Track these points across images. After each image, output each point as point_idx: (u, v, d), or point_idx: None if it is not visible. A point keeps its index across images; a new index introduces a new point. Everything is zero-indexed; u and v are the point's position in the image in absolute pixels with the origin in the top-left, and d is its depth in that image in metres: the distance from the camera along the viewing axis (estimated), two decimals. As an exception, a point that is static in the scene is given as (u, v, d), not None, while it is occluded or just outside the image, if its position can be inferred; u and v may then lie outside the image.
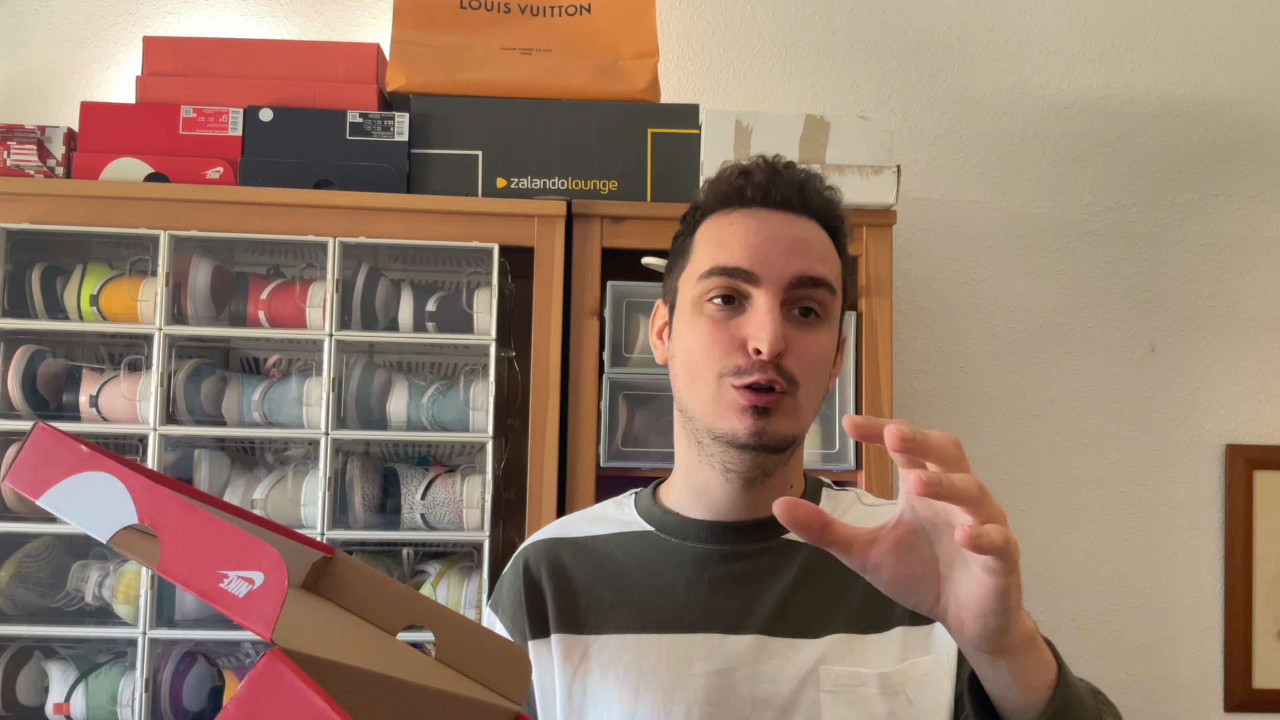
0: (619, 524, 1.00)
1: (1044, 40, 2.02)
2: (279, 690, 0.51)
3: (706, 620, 0.91)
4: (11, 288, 1.56)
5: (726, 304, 0.90)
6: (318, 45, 1.67)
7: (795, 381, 0.89)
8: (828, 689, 0.89)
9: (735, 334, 0.89)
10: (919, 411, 1.95)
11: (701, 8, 1.98)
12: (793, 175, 0.94)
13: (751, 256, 0.89)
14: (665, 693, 0.89)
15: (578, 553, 0.98)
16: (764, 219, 0.92)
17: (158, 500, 0.56)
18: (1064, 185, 2.01)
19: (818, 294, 0.91)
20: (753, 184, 0.92)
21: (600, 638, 0.93)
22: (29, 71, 1.90)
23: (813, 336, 0.90)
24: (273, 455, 1.66)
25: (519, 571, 0.99)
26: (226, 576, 0.53)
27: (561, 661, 0.93)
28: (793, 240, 0.91)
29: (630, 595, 0.94)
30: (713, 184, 0.96)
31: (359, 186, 1.56)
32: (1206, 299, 2.01)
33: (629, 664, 0.91)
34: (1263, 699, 1.94)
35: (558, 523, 1.04)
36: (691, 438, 0.94)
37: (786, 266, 0.89)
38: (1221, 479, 1.98)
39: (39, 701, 1.53)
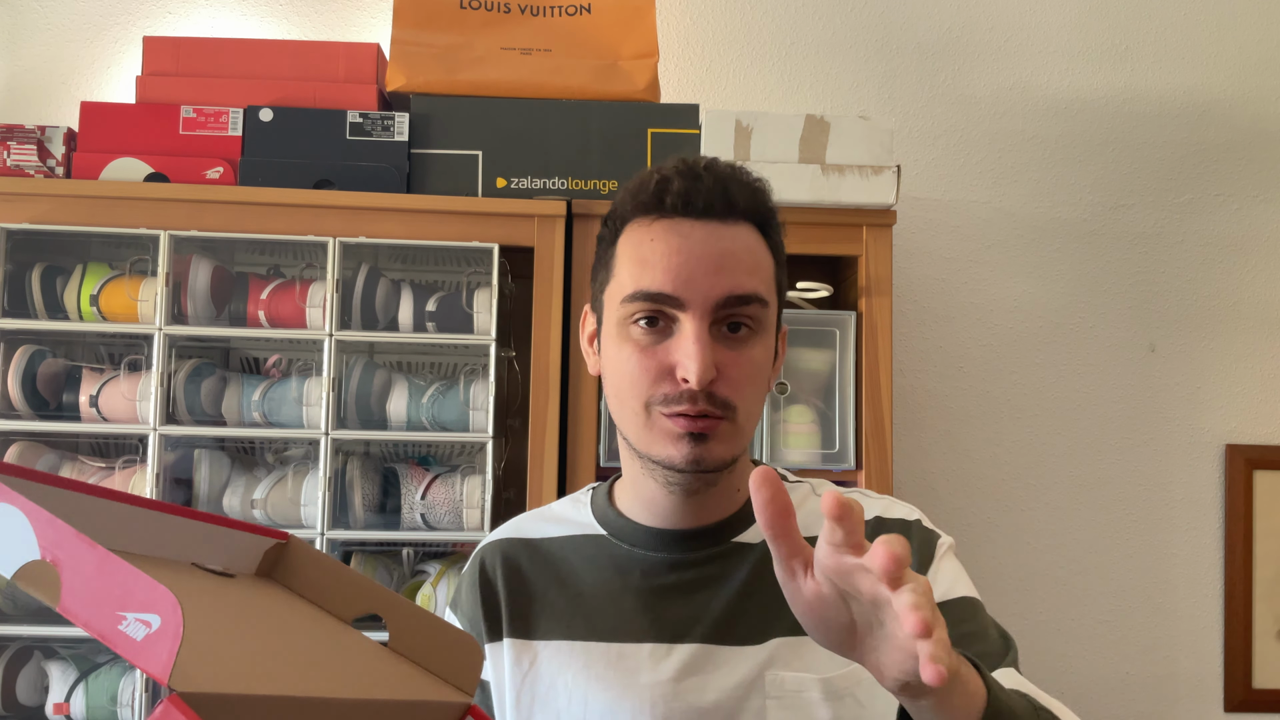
0: (574, 526, 0.98)
1: (1044, 40, 2.02)
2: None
3: (654, 630, 0.90)
4: (11, 288, 1.56)
5: (651, 326, 0.86)
6: (318, 45, 1.67)
7: (731, 406, 0.86)
8: (773, 695, 0.88)
9: (663, 360, 0.85)
10: (919, 411, 1.95)
11: (701, 8, 1.98)
12: (714, 177, 0.88)
13: (675, 279, 0.85)
14: (613, 702, 0.89)
15: (533, 555, 0.97)
16: (685, 233, 0.86)
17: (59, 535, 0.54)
18: (1064, 185, 2.01)
19: (748, 310, 0.86)
20: (671, 192, 0.87)
21: (550, 643, 0.92)
22: (29, 71, 1.90)
23: (745, 353, 0.87)
24: (273, 455, 1.66)
25: (476, 572, 0.97)
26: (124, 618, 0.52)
27: (512, 666, 0.93)
28: (717, 257, 0.85)
29: (581, 602, 0.93)
30: (630, 190, 0.90)
31: (359, 186, 1.56)
32: (1206, 299, 2.01)
33: (577, 671, 0.91)
34: (1263, 699, 1.94)
35: (514, 521, 1.02)
36: (630, 452, 0.92)
37: (713, 287, 0.85)
38: (1221, 479, 1.98)
39: (39, 701, 1.53)
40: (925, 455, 1.96)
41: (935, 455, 1.96)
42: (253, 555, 0.76)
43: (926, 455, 1.96)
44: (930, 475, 1.95)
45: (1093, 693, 1.94)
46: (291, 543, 0.78)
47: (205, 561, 0.72)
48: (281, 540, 0.77)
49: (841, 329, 1.61)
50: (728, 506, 0.95)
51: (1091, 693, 1.94)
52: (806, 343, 1.62)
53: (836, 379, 1.60)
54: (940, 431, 1.96)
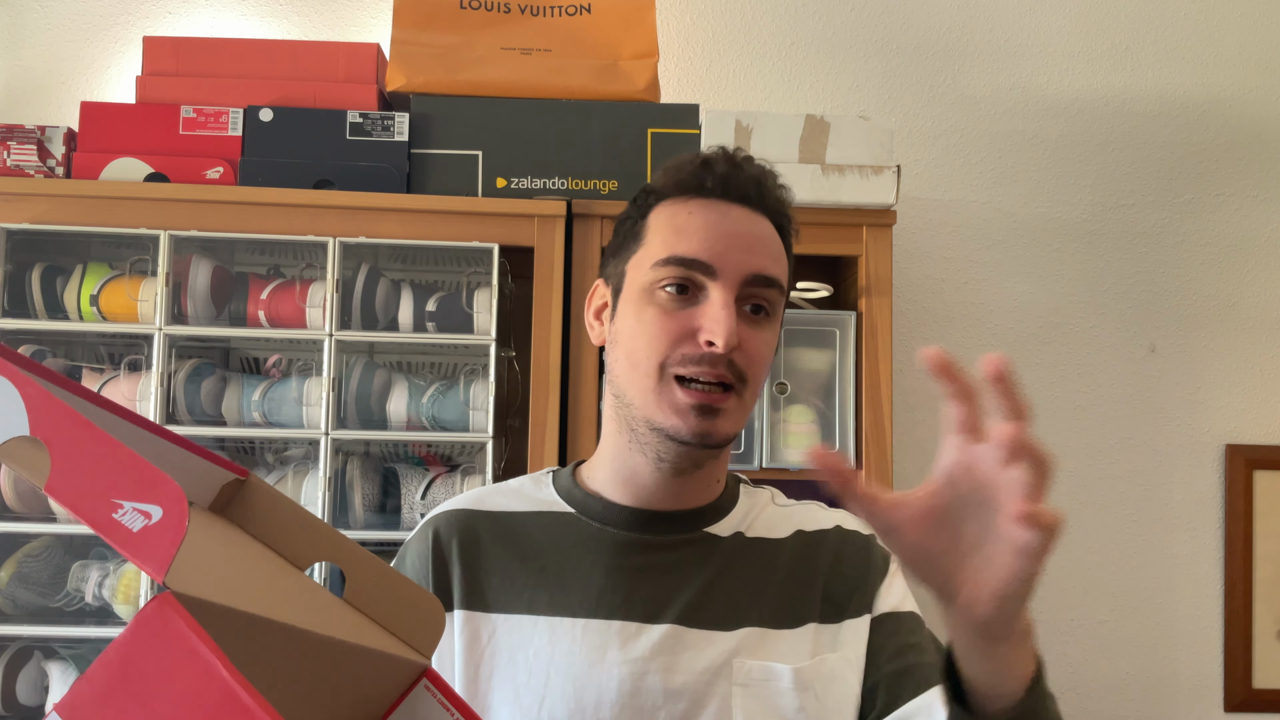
0: (537, 502, 0.98)
1: (1044, 40, 2.02)
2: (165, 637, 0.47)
3: (625, 608, 0.90)
4: (11, 288, 1.56)
5: (680, 294, 0.89)
6: (318, 45, 1.67)
7: (744, 379, 0.89)
8: (739, 682, 0.89)
9: (686, 324, 0.88)
10: (919, 411, 1.95)
11: (701, 8, 1.98)
12: (751, 170, 0.93)
13: (711, 249, 0.88)
14: (578, 679, 0.88)
15: (493, 527, 0.96)
16: (723, 211, 0.91)
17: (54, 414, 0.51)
18: (1064, 185, 2.01)
19: (769, 293, 0.91)
20: (713, 175, 0.91)
21: (511, 618, 0.91)
22: (29, 71, 1.90)
23: (761, 334, 0.90)
24: (273, 455, 1.66)
25: (427, 540, 0.96)
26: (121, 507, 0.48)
27: (468, 640, 0.91)
28: (750, 237, 0.90)
29: (546, 577, 0.92)
30: (670, 170, 0.94)
31: (359, 186, 1.56)
32: (1206, 299, 2.01)
33: (540, 647, 0.90)
34: (1263, 699, 1.94)
35: (471, 493, 1.01)
36: (624, 424, 0.92)
37: (744, 263, 0.89)
38: (1221, 479, 1.98)
39: (39, 701, 1.53)
40: (925, 455, 1.95)
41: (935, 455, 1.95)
42: (210, 487, 0.72)
43: (926, 455, 1.95)
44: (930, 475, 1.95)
45: (1093, 693, 1.94)
46: (250, 480, 0.73)
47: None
48: (240, 476, 0.73)
49: (841, 329, 1.61)
50: (705, 495, 0.96)
51: (1091, 693, 1.94)
52: (806, 343, 1.62)
53: (836, 379, 1.60)
54: (940, 431, 1.96)
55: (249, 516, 0.72)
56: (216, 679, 0.46)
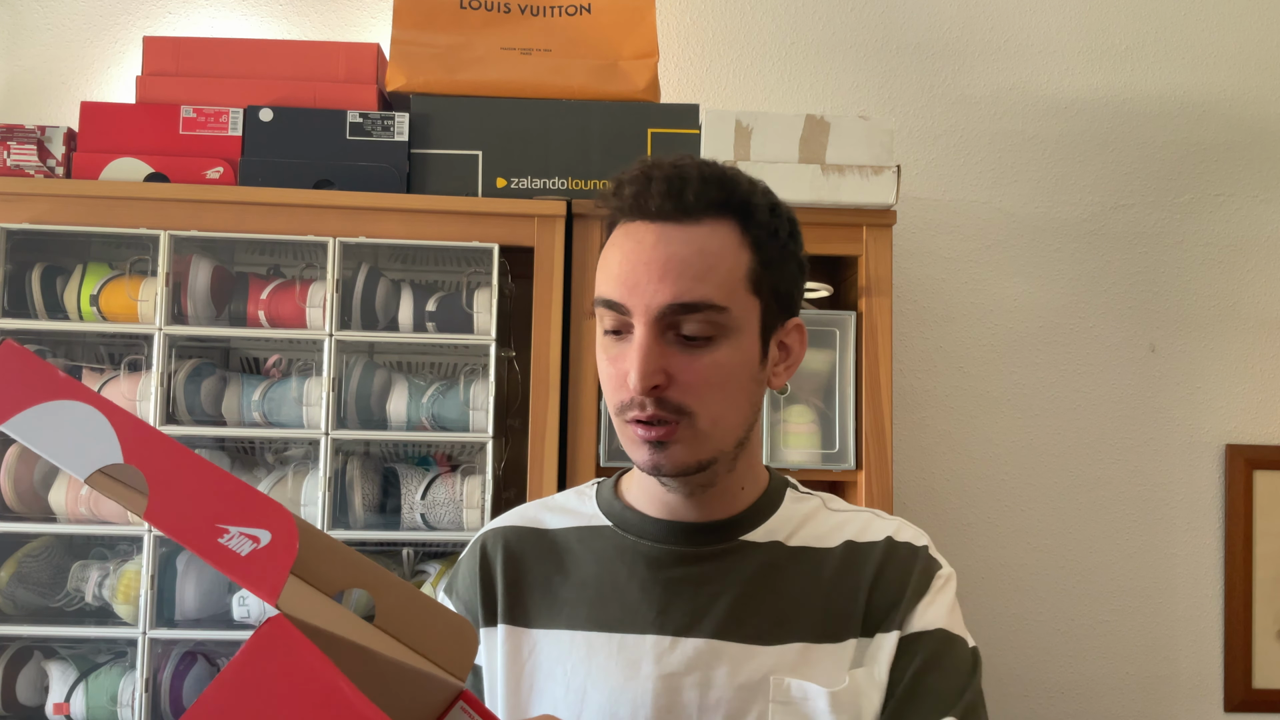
0: (579, 517, 0.98)
1: (1044, 40, 2.02)
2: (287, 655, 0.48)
3: (659, 622, 0.90)
4: (11, 288, 1.56)
5: (616, 336, 0.88)
6: (318, 45, 1.67)
7: (686, 410, 0.85)
8: (777, 699, 0.87)
9: (622, 369, 0.86)
10: (919, 412, 1.95)
11: (701, 8, 1.98)
12: (665, 178, 0.85)
13: (620, 286, 0.85)
14: (613, 693, 0.88)
15: (537, 544, 0.97)
16: (639, 238, 0.85)
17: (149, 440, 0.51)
18: (1064, 185, 2.01)
19: (696, 318, 0.84)
20: (624, 196, 0.87)
21: (550, 632, 0.92)
22: (29, 71, 1.90)
23: (705, 358, 0.85)
24: (273, 455, 1.66)
25: (476, 557, 0.98)
26: (227, 532, 0.49)
27: (509, 654, 0.92)
28: (662, 262, 0.84)
29: (584, 591, 0.93)
30: (607, 194, 0.91)
31: (359, 186, 1.56)
32: (1206, 299, 2.01)
33: (578, 661, 0.90)
34: (1263, 699, 1.94)
35: (519, 510, 1.02)
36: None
37: (654, 296, 0.83)
38: (1221, 479, 1.98)
39: (39, 701, 1.53)
40: (925, 455, 1.96)
41: (935, 455, 1.96)
42: None
43: (926, 455, 1.96)
44: (930, 475, 1.95)
45: (1093, 693, 1.94)
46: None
47: None
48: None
49: (841, 329, 1.61)
50: (732, 505, 0.95)
51: (1091, 693, 1.94)
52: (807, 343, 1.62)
53: (836, 379, 1.60)
54: (940, 431, 1.96)
55: None
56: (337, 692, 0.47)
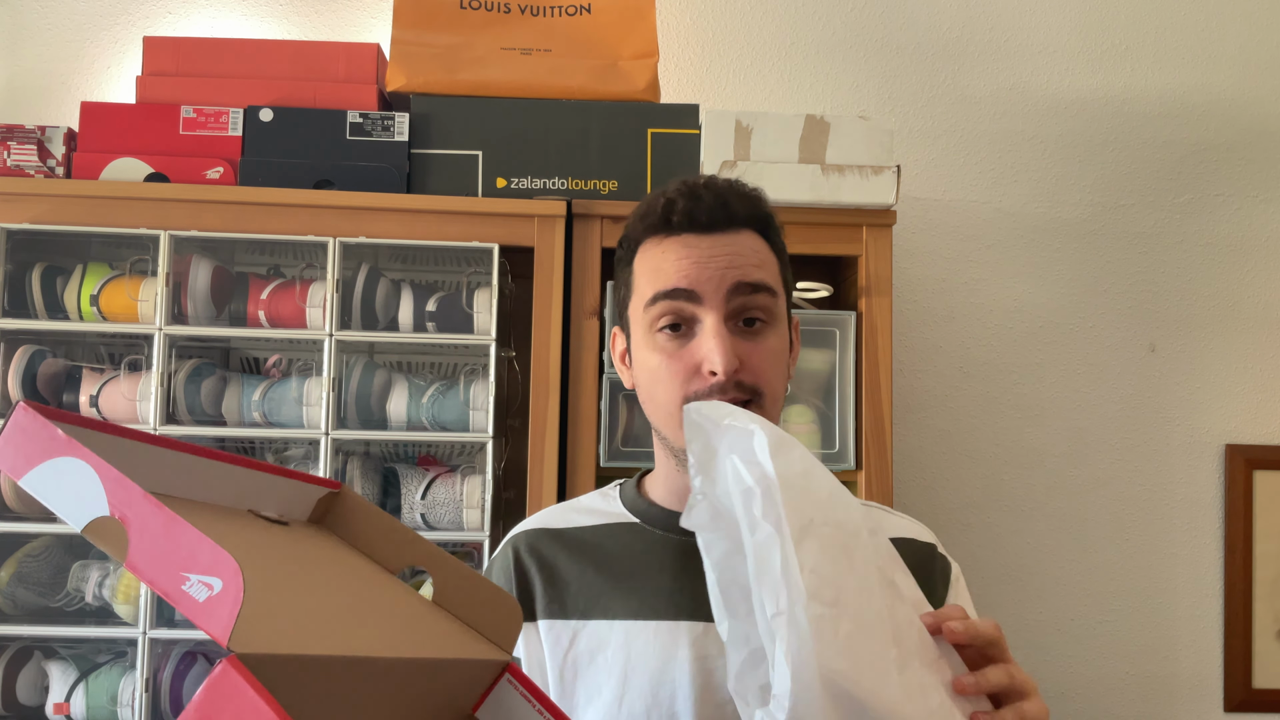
0: (606, 515, 1.04)
1: (1044, 40, 2.02)
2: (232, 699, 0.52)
3: (692, 608, 0.95)
4: (11, 288, 1.56)
5: (675, 332, 0.94)
6: (318, 45, 1.67)
7: (759, 392, 0.92)
8: None
9: (689, 361, 0.92)
10: (919, 412, 1.95)
11: (701, 8, 1.98)
12: (714, 194, 0.96)
13: (688, 276, 0.93)
14: (654, 676, 0.93)
15: (567, 543, 1.02)
16: (694, 243, 0.94)
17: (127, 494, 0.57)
18: (1064, 185, 2.01)
19: (759, 300, 0.94)
20: (678, 211, 0.95)
21: (589, 623, 0.97)
22: (29, 71, 1.90)
23: (764, 344, 0.94)
24: (273, 455, 1.66)
25: (509, 558, 1.02)
26: (188, 579, 0.54)
27: (551, 646, 0.97)
28: (726, 255, 0.94)
29: (619, 583, 0.98)
30: (639, 215, 0.99)
31: (359, 186, 1.56)
32: (1206, 299, 2.01)
33: (618, 648, 0.95)
34: (1263, 699, 1.94)
35: (545, 512, 1.08)
36: (667, 452, 0.99)
37: (724, 278, 0.92)
38: (1221, 479, 1.98)
39: (39, 701, 1.53)
40: (925, 455, 1.96)
41: (935, 455, 1.96)
42: (306, 503, 0.79)
43: (926, 455, 1.96)
44: (930, 475, 1.95)
45: (1093, 693, 1.94)
46: (343, 492, 0.81)
47: (262, 509, 0.75)
48: (334, 489, 0.81)
49: (841, 329, 1.61)
50: None
51: (1091, 693, 1.94)
52: (806, 343, 1.62)
53: (836, 379, 1.60)
54: (940, 431, 1.96)
55: (344, 525, 0.81)
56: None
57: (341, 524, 0.81)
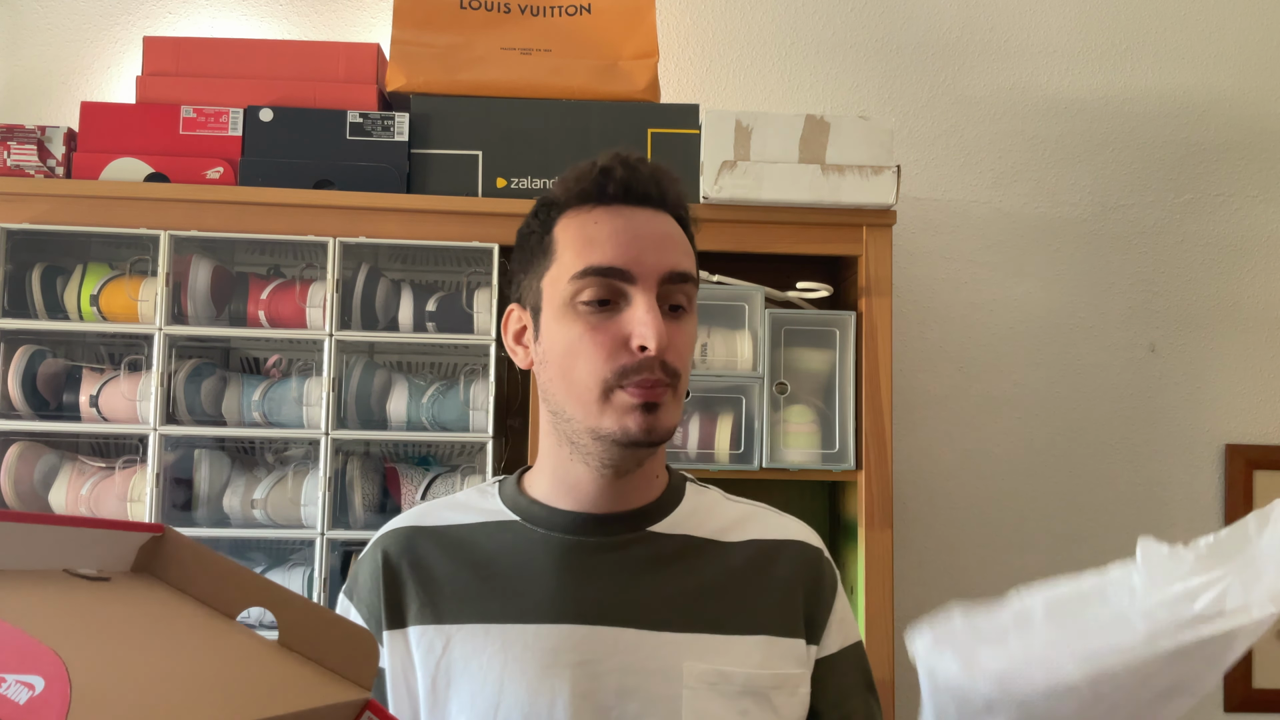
0: (484, 513, 0.99)
1: (1044, 40, 2.02)
2: None
3: (574, 611, 0.91)
4: (11, 288, 1.56)
5: (601, 306, 0.90)
6: (318, 45, 1.67)
7: (677, 374, 0.91)
8: (690, 684, 0.90)
9: (616, 334, 0.89)
10: (919, 411, 1.95)
11: (701, 8, 1.98)
12: (648, 170, 0.94)
13: (625, 254, 0.90)
14: (532, 683, 0.89)
15: (441, 542, 0.97)
16: (627, 216, 0.92)
17: None
18: (1064, 185, 2.01)
19: (685, 289, 0.93)
20: (614, 180, 0.92)
21: (464, 627, 0.92)
22: (29, 71, 1.90)
23: (685, 329, 0.93)
24: (273, 455, 1.66)
25: (377, 561, 0.97)
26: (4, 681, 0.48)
27: (423, 653, 0.92)
28: (659, 236, 0.92)
29: (496, 585, 0.94)
30: (569, 180, 0.95)
31: (359, 186, 1.56)
32: (1206, 299, 2.01)
33: (494, 654, 0.91)
34: (1263, 699, 1.94)
35: (417, 510, 1.02)
36: (563, 438, 0.94)
37: (658, 263, 0.90)
38: (1221, 479, 1.98)
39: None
40: (925, 455, 1.96)
41: (935, 455, 1.96)
42: (127, 552, 0.73)
43: (926, 455, 1.95)
44: (930, 475, 1.95)
45: (1093, 693, 1.94)
46: (167, 535, 0.74)
47: (78, 566, 0.68)
48: (156, 533, 0.73)
49: (841, 329, 1.61)
50: (646, 493, 0.97)
51: (1091, 693, 1.94)
52: (806, 343, 1.62)
53: (836, 379, 1.60)
54: (940, 431, 1.96)
55: (171, 571, 0.73)
56: None
57: (168, 570, 0.73)
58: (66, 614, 0.60)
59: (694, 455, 1.57)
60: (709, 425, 1.58)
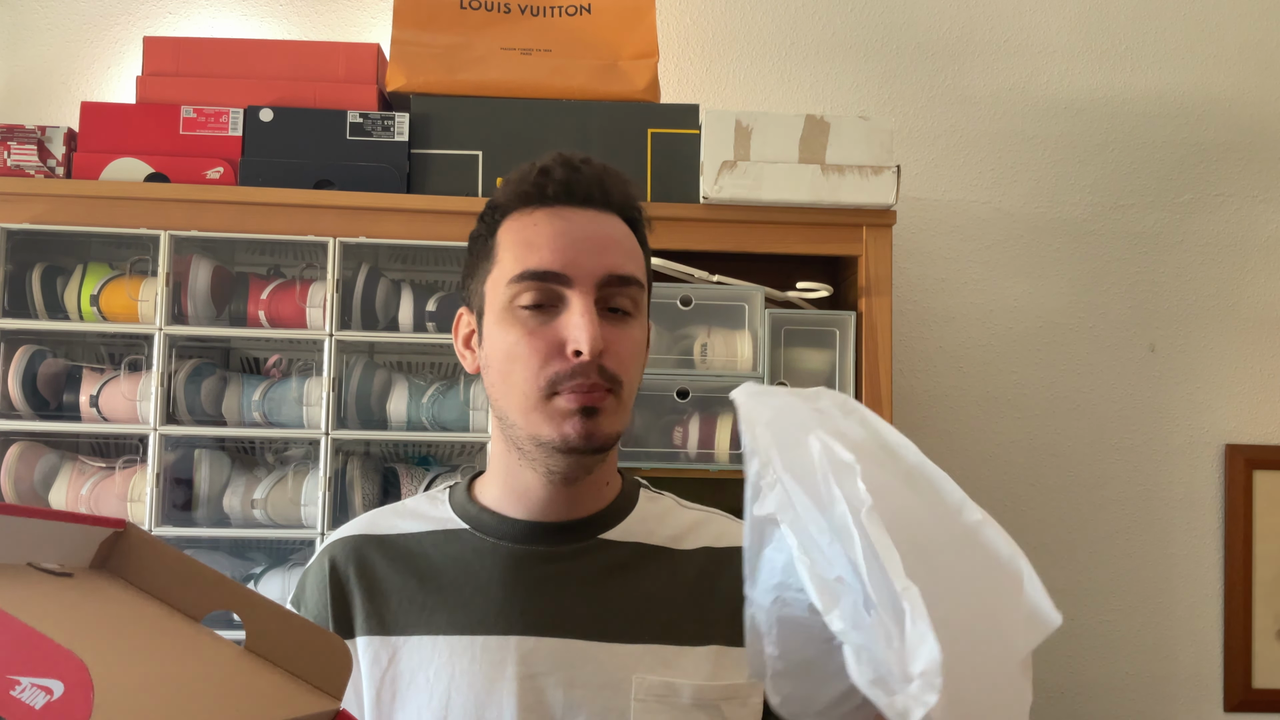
0: (432, 521, 0.97)
1: (1044, 40, 2.02)
2: None
3: (522, 622, 0.90)
4: (11, 288, 1.56)
5: (539, 310, 0.88)
6: (318, 45, 1.67)
7: (617, 380, 0.88)
8: (639, 697, 0.88)
9: (552, 339, 0.87)
10: (919, 411, 1.95)
11: (701, 8, 1.98)
12: (591, 170, 0.93)
13: (561, 258, 0.88)
14: (478, 696, 0.88)
15: (389, 551, 0.95)
16: (568, 217, 0.90)
17: None
18: (1064, 185, 2.01)
19: (628, 291, 0.90)
20: (554, 181, 0.91)
21: (410, 639, 0.91)
22: (29, 71, 1.90)
23: (627, 333, 0.90)
24: (273, 455, 1.66)
25: (324, 569, 0.95)
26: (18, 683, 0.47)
27: (369, 665, 0.91)
28: (600, 238, 0.90)
29: (444, 596, 0.92)
30: (511, 182, 0.94)
31: (359, 186, 1.56)
32: (1206, 299, 2.01)
33: (440, 667, 0.89)
34: (1263, 699, 1.94)
35: (365, 517, 1.01)
36: (510, 443, 0.92)
37: (597, 265, 0.88)
38: (1221, 479, 1.98)
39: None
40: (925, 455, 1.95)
41: (935, 455, 1.94)
42: (88, 547, 0.70)
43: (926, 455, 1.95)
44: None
45: (1093, 693, 1.95)
46: (129, 531, 0.72)
47: (40, 560, 0.66)
48: (118, 529, 0.71)
49: (841, 329, 1.61)
50: (597, 500, 0.95)
51: (1091, 693, 1.94)
52: (806, 343, 1.62)
53: (836, 379, 1.60)
54: (940, 431, 1.96)
55: (132, 569, 0.71)
56: None
57: (129, 568, 0.70)
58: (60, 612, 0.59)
59: (694, 455, 1.57)
60: (709, 425, 1.58)
